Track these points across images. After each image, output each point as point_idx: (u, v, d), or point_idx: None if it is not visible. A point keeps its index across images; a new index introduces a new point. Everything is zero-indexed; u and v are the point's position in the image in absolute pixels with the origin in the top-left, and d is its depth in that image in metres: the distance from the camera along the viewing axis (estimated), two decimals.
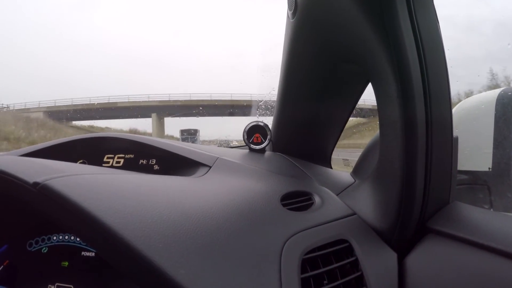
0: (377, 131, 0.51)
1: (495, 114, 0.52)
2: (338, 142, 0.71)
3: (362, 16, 0.36)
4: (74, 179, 0.32)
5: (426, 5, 0.35)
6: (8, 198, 0.42)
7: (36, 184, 0.30)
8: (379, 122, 0.40)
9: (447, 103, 0.36)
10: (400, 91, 0.34)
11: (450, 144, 0.37)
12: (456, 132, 0.38)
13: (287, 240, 0.34)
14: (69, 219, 0.29)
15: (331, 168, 0.71)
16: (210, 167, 0.53)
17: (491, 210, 0.52)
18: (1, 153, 0.70)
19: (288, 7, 0.51)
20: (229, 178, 0.49)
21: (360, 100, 0.62)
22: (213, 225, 0.32)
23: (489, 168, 0.51)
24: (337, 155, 0.74)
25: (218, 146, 1.14)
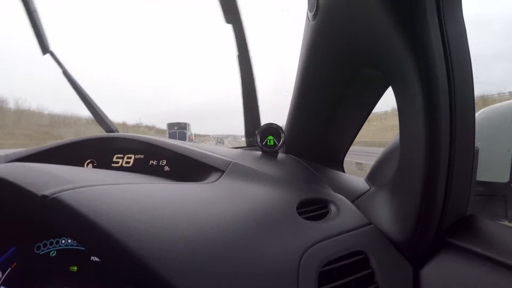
0: (395, 138, 0.50)
1: None
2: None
3: (389, 22, 0.35)
4: (85, 192, 0.31)
5: (456, 15, 0.33)
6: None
7: (44, 197, 0.29)
8: (400, 130, 0.39)
9: (472, 115, 0.35)
10: (426, 102, 0.33)
11: (471, 156, 0.36)
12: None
13: (304, 252, 0.34)
14: (80, 233, 0.28)
15: (344, 171, 0.70)
16: (223, 171, 0.52)
17: (507, 222, 0.51)
18: (5, 150, 0.68)
19: (309, 8, 0.49)
20: (244, 185, 0.48)
21: None
22: (229, 239, 0.32)
23: (509, 182, 0.50)
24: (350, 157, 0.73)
25: (217, 143, 1.13)
